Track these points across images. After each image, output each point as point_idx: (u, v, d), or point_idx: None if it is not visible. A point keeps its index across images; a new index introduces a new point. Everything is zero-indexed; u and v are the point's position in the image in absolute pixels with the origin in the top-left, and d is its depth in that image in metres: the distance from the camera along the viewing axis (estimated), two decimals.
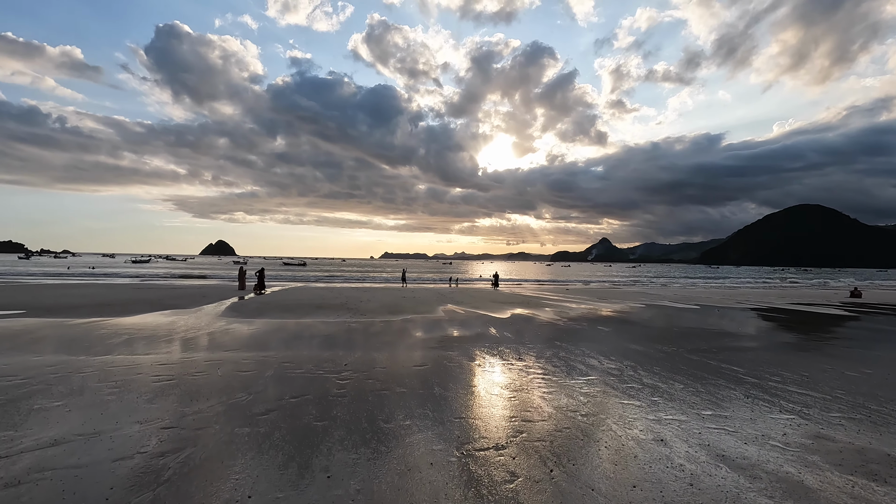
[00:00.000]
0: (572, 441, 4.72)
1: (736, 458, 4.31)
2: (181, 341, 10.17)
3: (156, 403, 5.81)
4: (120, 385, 6.60)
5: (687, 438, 4.81)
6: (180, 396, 6.13)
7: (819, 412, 5.82)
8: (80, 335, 10.71)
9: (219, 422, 5.16)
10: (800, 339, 11.93)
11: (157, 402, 5.85)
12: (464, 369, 7.93)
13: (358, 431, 4.93)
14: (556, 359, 8.85)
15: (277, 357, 8.70)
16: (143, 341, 10.07)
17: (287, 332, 11.61)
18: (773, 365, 8.56)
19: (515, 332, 12.17)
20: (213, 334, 11.18)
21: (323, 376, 7.31)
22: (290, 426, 5.08)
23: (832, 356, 9.50)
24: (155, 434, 4.74)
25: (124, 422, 5.08)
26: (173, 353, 8.86)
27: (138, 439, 4.60)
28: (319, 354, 8.97)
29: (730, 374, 7.76)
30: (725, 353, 9.59)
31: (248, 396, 6.18)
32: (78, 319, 13.28)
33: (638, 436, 4.87)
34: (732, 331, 13.16)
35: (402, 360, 8.53)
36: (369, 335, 11.40)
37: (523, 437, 4.80)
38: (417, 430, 4.98)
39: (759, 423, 5.38)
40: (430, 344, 10.34)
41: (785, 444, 4.69)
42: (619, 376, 7.54)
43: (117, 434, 4.73)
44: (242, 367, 7.85)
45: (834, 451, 4.56)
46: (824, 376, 7.74)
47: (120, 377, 7.05)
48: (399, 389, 6.61)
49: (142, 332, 11.38)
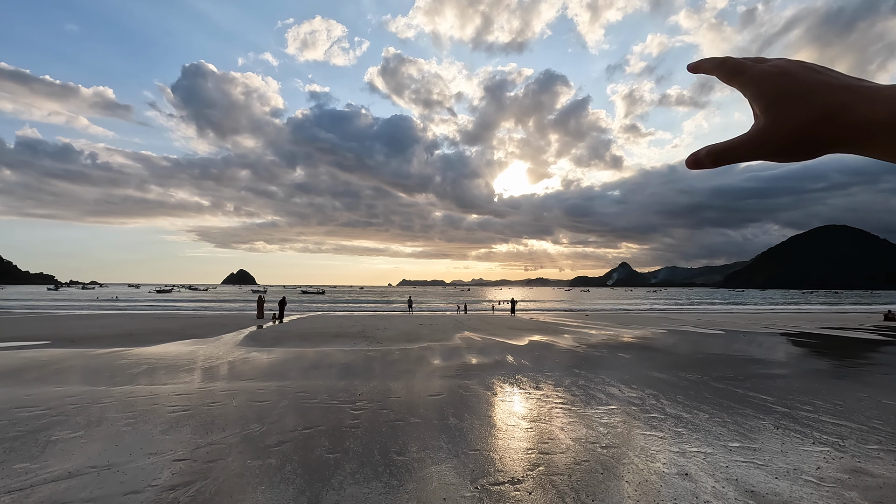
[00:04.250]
0: (592, 475, 4.53)
1: (766, 494, 4.07)
2: (199, 371, 10.24)
3: (170, 435, 5.82)
4: (137, 416, 6.64)
5: (713, 472, 4.57)
6: (195, 428, 6.13)
7: (855, 444, 5.48)
8: (102, 365, 10.88)
9: (231, 454, 5.13)
10: (832, 365, 11.40)
11: (172, 434, 5.86)
12: (480, 399, 7.77)
13: (370, 464, 4.83)
14: (575, 387, 8.60)
15: (293, 387, 8.67)
16: (163, 371, 10.18)
17: (303, 362, 11.61)
18: (805, 393, 8.16)
19: (533, 360, 11.93)
20: (230, 364, 11.24)
21: (337, 406, 7.24)
22: (301, 458, 5.01)
23: (868, 384, 9.03)
24: (167, 466, 4.72)
25: (138, 454, 5.08)
26: (191, 383, 8.92)
27: (150, 472, 4.58)
28: (335, 384, 8.91)
29: (758, 404, 7.41)
30: (753, 381, 9.19)
31: (261, 427, 6.14)
32: (101, 350, 13.53)
33: (661, 469, 4.65)
34: (760, 357, 12.66)
35: (417, 390, 8.41)
36: (385, 364, 11.31)
37: (540, 471, 4.63)
38: (431, 463, 4.86)
39: (790, 455, 5.09)
40: (447, 372, 10.19)
41: (819, 479, 4.42)
42: (640, 405, 7.28)
43: (130, 467, 4.72)
44: (258, 397, 7.84)
45: (873, 486, 4.27)
46: (860, 405, 7.33)
47: (138, 408, 7.10)
48: (413, 420, 6.49)
49: (161, 361, 11.52)
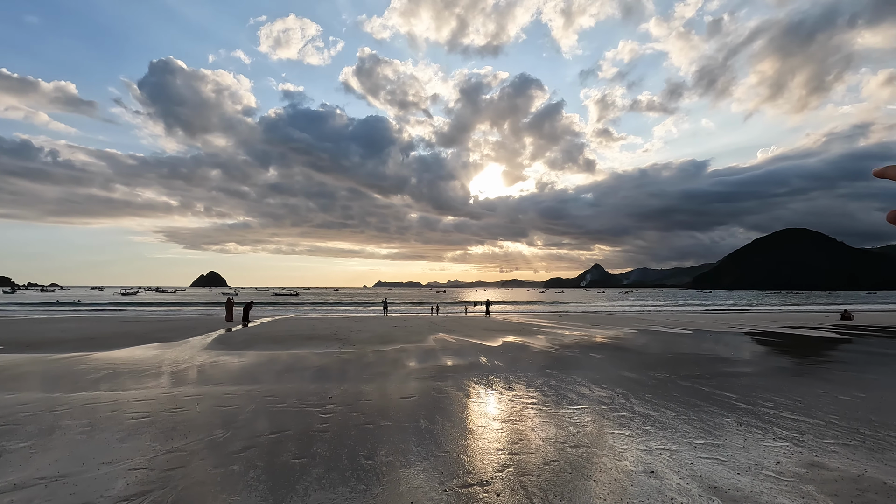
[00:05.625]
0: (560, 475, 4.54)
1: (728, 490, 4.15)
2: (163, 376, 9.87)
3: (128, 443, 5.56)
4: (93, 424, 6.33)
5: (678, 469, 4.64)
6: (155, 434, 5.88)
7: (813, 439, 5.67)
8: (60, 371, 10.38)
9: (192, 461, 4.93)
10: (793, 363, 11.83)
11: (130, 442, 5.60)
12: (451, 400, 7.72)
13: (337, 469, 4.72)
14: (547, 387, 8.66)
15: (261, 391, 8.45)
16: (124, 376, 9.77)
17: (273, 365, 11.34)
18: (767, 390, 8.43)
19: (506, 361, 11.97)
20: (196, 368, 10.88)
21: (306, 410, 7.08)
22: (266, 464, 4.86)
23: (826, 380, 9.39)
24: (123, 476, 4.50)
25: (92, 464, 4.83)
26: (153, 389, 8.58)
27: (104, 482, 4.36)
28: (305, 387, 8.73)
29: (723, 401, 7.61)
30: (718, 379, 9.44)
31: (225, 433, 5.95)
32: (58, 355, 12.91)
33: (628, 468, 4.70)
34: (725, 356, 13.03)
35: (389, 392, 8.31)
36: (357, 366, 11.16)
37: (510, 472, 4.61)
38: (400, 467, 4.78)
39: (752, 451, 5.22)
40: (419, 374, 10.11)
41: (779, 474, 4.54)
42: (609, 405, 7.37)
43: (83, 477, 4.48)
44: (224, 402, 7.60)
45: (829, 480, 4.41)
46: (818, 401, 7.61)
47: (95, 415, 6.77)
48: (383, 423, 6.39)
49: (123, 366, 11.07)
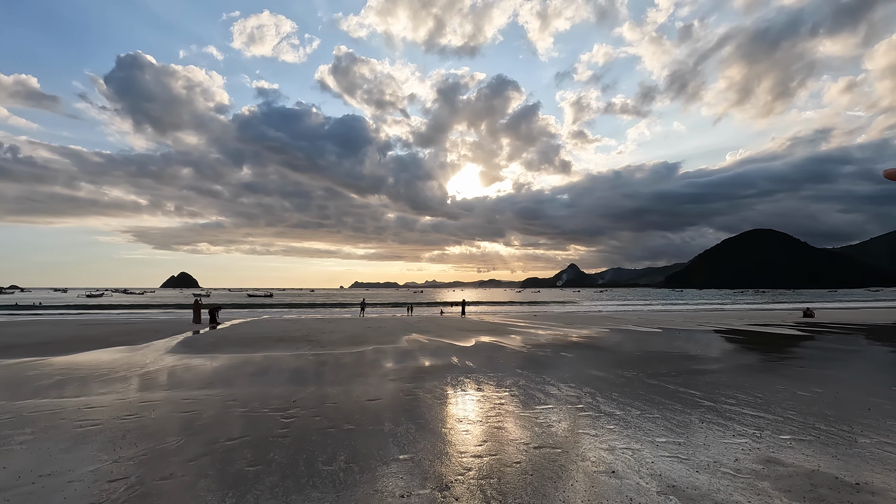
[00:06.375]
0: (521, 477, 4.48)
1: (686, 489, 4.16)
2: (119, 381, 9.46)
3: (72, 453, 5.27)
4: (36, 433, 5.99)
5: (639, 469, 4.65)
6: (102, 444, 5.59)
7: (771, 435, 5.78)
8: (7, 378, 9.85)
9: (139, 471, 4.68)
10: (756, 359, 12.14)
11: (74, 452, 5.31)
12: (419, 402, 7.61)
13: (293, 476, 4.55)
14: (517, 388, 8.63)
15: (222, 395, 8.17)
16: (77, 382, 9.32)
17: (239, 368, 11.01)
18: (729, 387, 8.59)
19: (479, 361, 11.92)
20: (156, 372, 10.48)
21: (267, 415, 6.86)
22: (218, 473, 4.65)
23: (786, 376, 9.64)
24: (60, 489, 4.23)
25: (27, 477, 4.53)
26: (107, 395, 8.20)
27: (39, 497, 4.08)
28: (269, 391, 8.48)
29: (687, 399, 7.71)
30: (684, 377, 9.59)
31: (178, 441, 5.70)
32: (9, 360, 12.28)
33: (590, 468, 4.67)
34: (692, 353, 13.29)
35: (355, 395, 8.14)
36: (326, 369, 10.94)
37: (470, 476, 4.53)
38: (359, 472, 4.64)
39: (712, 448, 5.28)
40: (389, 376, 9.96)
41: (736, 471, 4.59)
42: (576, 404, 7.38)
43: (16, 492, 4.19)
44: (181, 408, 7.31)
45: (784, 475, 4.48)
46: (777, 397, 7.79)
47: (39, 424, 6.41)
48: (347, 427, 6.23)
49: (78, 371, 10.59)
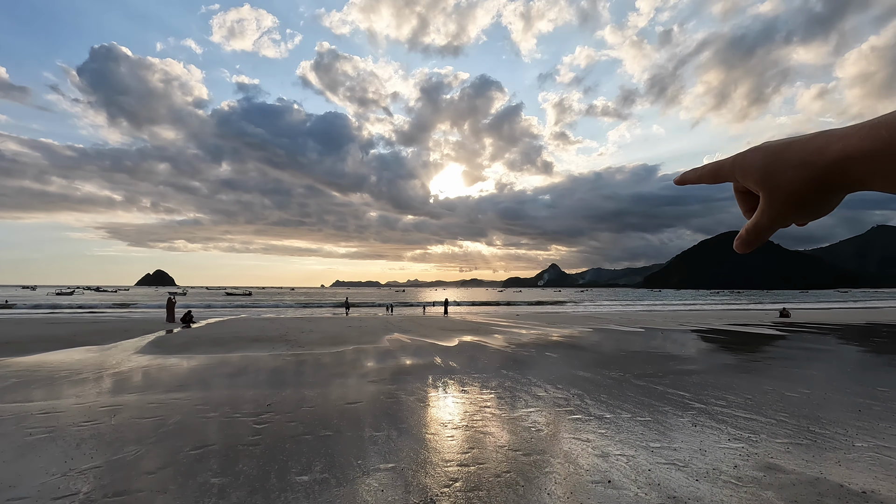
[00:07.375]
0: (512, 488, 4.14)
1: (689, 500, 3.88)
2: (82, 384, 8.80)
3: (17, 465, 4.73)
4: None
5: (636, 478, 4.35)
6: (54, 454, 5.05)
7: (767, 438, 5.57)
8: None
9: (90, 485, 4.19)
10: (740, 359, 12.09)
11: (20, 464, 4.77)
12: (401, 406, 7.22)
13: (263, 490, 4.12)
14: (502, 389, 8.31)
15: (191, 399, 7.63)
16: (35, 385, 8.64)
17: (212, 370, 10.43)
18: (718, 388, 8.43)
19: (461, 362, 11.57)
20: (122, 374, 9.83)
21: (238, 420, 6.38)
22: (180, 487, 4.19)
23: (772, 377, 9.55)
24: None
25: None
26: (66, 399, 7.58)
27: None
28: (242, 394, 7.97)
29: (676, 400, 7.50)
30: (671, 378, 9.42)
31: (139, 450, 5.19)
32: None
33: (584, 479, 4.36)
34: (676, 353, 13.20)
35: (333, 398, 7.70)
36: (303, 370, 10.44)
37: (457, 487, 4.17)
38: (336, 485, 4.24)
39: (709, 454, 5.03)
40: (369, 377, 9.53)
41: (738, 480, 4.33)
42: (565, 406, 7.09)
43: None
44: (145, 413, 6.76)
45: (787, 484, 4.24)
46: (767, 399, 7.64)
47: None
48: (324, 433, 5.81)
49: (38, 373, 9.85)
